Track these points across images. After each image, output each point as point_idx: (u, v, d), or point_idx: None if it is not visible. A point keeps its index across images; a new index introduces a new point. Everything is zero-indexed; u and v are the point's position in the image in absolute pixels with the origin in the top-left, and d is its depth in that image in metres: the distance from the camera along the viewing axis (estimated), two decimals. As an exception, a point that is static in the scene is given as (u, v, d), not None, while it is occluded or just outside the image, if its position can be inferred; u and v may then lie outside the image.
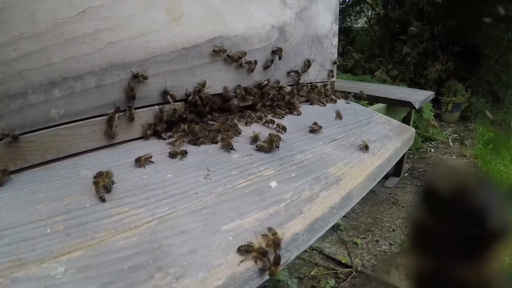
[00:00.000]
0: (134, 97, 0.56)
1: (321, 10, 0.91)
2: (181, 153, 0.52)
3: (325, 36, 0.95)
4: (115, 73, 0.55)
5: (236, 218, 0.42)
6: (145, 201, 0.43)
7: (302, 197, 0.48)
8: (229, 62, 0.70)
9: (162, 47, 0.59)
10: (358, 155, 0.66)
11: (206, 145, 0.58)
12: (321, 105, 0.93)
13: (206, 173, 0.50)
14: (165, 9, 0.59)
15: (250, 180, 0.49)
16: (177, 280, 0.33)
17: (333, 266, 1.00)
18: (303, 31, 0.86)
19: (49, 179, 0.47)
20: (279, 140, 0.59)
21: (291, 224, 0.42)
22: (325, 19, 0.94)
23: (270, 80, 0.80)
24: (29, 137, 0.48)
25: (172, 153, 0.52)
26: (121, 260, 0.35)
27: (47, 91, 0.49)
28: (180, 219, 0.41)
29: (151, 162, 0.50)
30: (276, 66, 0.82)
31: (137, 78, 0.55)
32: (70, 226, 0.39)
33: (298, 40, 0.86)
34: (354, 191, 0.55)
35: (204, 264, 0.35)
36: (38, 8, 0.48)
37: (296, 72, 0.86)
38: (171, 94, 0.60)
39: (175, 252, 0.36)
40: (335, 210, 0.49)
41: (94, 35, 0.52)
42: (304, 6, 0.85)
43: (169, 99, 0.60)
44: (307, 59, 0.89)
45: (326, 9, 0.93)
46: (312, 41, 0.90)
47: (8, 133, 0.45)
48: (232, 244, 0.38)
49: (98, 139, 0.54)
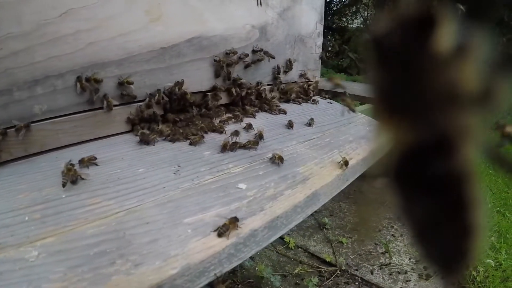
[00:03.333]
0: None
1: (305, 10, 0.92)
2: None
3: (309, 36, 0.96)
4: (95, 71, 0.58)
5: (198, 212, 0.45)
6: (116, 193, 0.47)
7: (266, 194, 0.50)
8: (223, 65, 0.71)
9: (140, 47, 0.61)
10: (331, 155, 0.67)
11: (180, 142, 0.61)
12: (297, 104, 0.94)
13: (176, 169, 0.53)
14: (144, 10, 0.61)
15: (217, 176, 0.53)
16: (135, 267, 0.37)
17: (317, 264, 1.01)
18: (286, 31, 0.87)
19: (32, 171, 0.51)
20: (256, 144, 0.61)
21: (250, 220, 0.45)
22: (309, 19, 0.95)
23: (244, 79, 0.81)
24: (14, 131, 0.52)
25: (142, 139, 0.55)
26: (89, 247, 0.39)
27: (30, 88, 0.53)
28: (146, 211, 0.44)
29: (95, 165, 0.51)
30: (257, 65, 0.84)
31: (122, 85, 0.58)
32: (46, 215, 0.43)
33: (280, 40, 0.87)
34: (322, 191, 0.56)
35: (162, 253, 0.39)
36: (23, 10, 0.51)
37: (277, 67, 0.88)
38: (109, 100, 0.59)
39: (137, 241, 0.40)
40: (299, 209, 0.51)
41: (75, 35, 0.55)
42: (287, 6, 0.86)
43: (105, 104, 0.58)
44: (288, 59, 0.91)
45: (311, 9, 0.94)
46: (295, 41, 0.91)
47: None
48: (190, 236, 0.41)
49: (79, 134, 0.58)
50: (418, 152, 0.17)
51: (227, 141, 0.59)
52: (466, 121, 0.16)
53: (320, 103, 0.99)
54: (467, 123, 0.16)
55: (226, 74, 0.72)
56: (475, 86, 0.16)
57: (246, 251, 0.43)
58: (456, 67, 0.16)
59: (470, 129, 0.16)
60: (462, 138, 0.16)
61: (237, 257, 0.42)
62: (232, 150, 0.59)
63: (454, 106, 0.16)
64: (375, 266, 0.98)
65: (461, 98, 0.16)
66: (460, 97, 0.16)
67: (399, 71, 0.16)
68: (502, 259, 1.05)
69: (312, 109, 0.93)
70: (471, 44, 0.16)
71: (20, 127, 0.51)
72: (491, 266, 0.99)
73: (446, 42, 0.15)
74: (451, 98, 0.16)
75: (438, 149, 0.16)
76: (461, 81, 0.16)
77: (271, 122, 0.78)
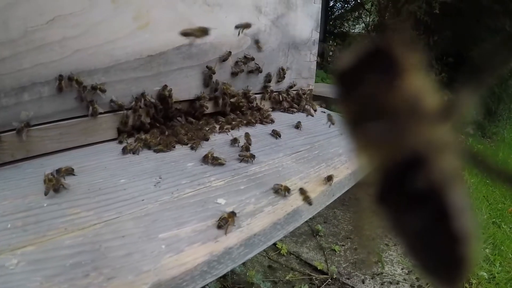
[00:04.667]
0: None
1: (301, 18, 0.90)
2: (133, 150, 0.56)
3: (303, 44, 0.94)
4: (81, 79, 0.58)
5: (174, 227, 0.46)
6: (96, 204, 0.48)
7: (245, 211, 0.50)
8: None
9: (127, 54, 0.61)
10: (318, 169, 0.66)
11: (164, 152, 0.62)
12: (290, 113, 0.93)
13: (157, 181, 0.54)
14: (132, 16, 0.61)
15: (197, 190, 0.53)
16: (108, 280, 0.39)
17: (308, 271, 1.00)
18: (279, 38, 0.86)
19: (17, 177, 0.52)
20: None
21: (225, 237, 0.45)
22: (305, 27, 0.93)
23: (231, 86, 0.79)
24: (1, 137, 0.53)
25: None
26: (65, 257, 0.40)
27: (17, 95, 0.53)
28: (123, 224, 0.46)
29: (73, 175, 0.52)
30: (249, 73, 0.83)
31: (95, 90, 0.58)
32: (28, 223, 0.45)
33: (273, 47, 0.86)
34: (304, 207, 0.55)
35: (135, 268, 0.40)
36: (10, 16, 0.51)
37: (268, 75, 0.87)
38: (95, 107, 0.59)
39: (112, 255, 0.41)
40: (279, 226, 0.51)
41: (62, 42, 0.55)
42: (281, 13, 0.84)
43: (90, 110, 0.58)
44: (281, 67, 0.90)
45: (306, 16, 0.91)
46: (289, 49, 0.90)
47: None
48: (164, 252, 0.42)
49: (65, 141, 0.59)
50: (396, 170, 0.18)
51: (208, 154, 0.59)
52: (434, 135, 0.17)
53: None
54: (435, 137, 0.17)
55: (215, 84, 0.72)
56: (436, 103, 0.18)
57: (221, 268, 0.44)
58: (414, 88, 0.17)
59: (439, 141, 0.18)
60: (432, 151, 0.17)
61: (211, 274, 0.43)
62: (214, 165, 0.59)
63: (419, 124, 0.17)
64: (367, 275, 0.98)
65: (424, 115, 0.17)
66: (423, 115, 0.17)
67: (362, 99, 0.18)
68: (496, 271, 1.04)
69: (303, 119, 0.92)
70: (427, 68, 0.18)
71: (21, 128, 0.52)
72: (485, 279, 0.98)
73: (404, 71, 0.17)
74: (415, 117, 0.17)
75: (413, 165, 0.17)
76: (421, 101, 0.17)
77: (258, 133, 0.78)
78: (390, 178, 0.18)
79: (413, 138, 0.17)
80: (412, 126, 0.17)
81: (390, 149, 0.18)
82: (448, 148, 0.18)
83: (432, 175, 0.17)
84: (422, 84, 0.18)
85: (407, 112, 0.17)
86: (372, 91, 0.17)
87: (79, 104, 0.59)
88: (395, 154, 0.18)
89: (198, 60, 0.71)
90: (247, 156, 0.62)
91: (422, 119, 0.17)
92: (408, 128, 0.17)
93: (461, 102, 0.18)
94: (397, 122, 0.17)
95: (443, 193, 0.17)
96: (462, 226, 0.17)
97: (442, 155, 0.17)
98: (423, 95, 0.17)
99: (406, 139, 0.17)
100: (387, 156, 0.18)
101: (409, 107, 0.17)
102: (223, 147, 0.69)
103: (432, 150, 0.17)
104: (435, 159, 0.17)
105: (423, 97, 0.17)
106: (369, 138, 0.19)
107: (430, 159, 0.17)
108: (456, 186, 0.17)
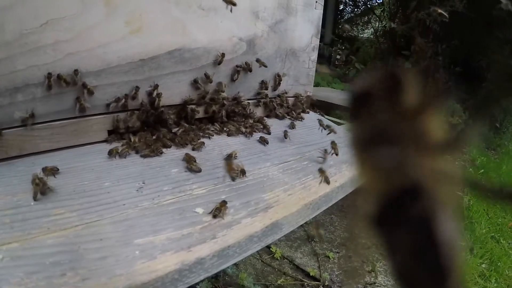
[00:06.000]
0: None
1: (300, 23, 0.87)
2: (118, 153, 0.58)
3: (302, 50, 0.92)
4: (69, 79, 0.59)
5: (150, 234, 0.48)
6: (79, 206, 0.50)
7: (221, 221, 0.50)
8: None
9: (119, 58, 0.62)
10: (304, 181, 0.65)
11: (151, 157, 0.64)
12: (284, 120, 0.92)
13: (140, 185, 0.56)
14: (125, 21, 0.61)
15: (178, 197, 0.55)
16: (83, 280, 0.41)
17: (301, 277, 0.99)
18: (277, 44, 0.84)
19: (9, 174, 0.55)
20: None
21: (199, 247, 0.46)
22: (304, 33, 0.90)
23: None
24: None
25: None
26: (46, 256, 0.43)
27: (11, 95, 0.56)
28: (103, 227, 0.48)
29: (58, 174, 0.54)
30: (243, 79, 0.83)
31: (85, 88, 0.60)
32: (15, 220, 0.47)
33: (269, 53, 0.84)
34: (285, 221, 0.55)
35: (109, 271, 0.42)
36: (6, 19, 0.52)
37: (262, 82, 0.86)
38: (82, 103, 0.60)
39: (89, 257, 0.44)
40: (256, 239, 0.51)
41: (54, 45, 0.56)
42: (280, 18, 0.82)
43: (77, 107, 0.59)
44: (277, 73, 0.88)
45: (306, 22, 0.89)
46: (286, 55, 0.88)
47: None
48: (137, 258, 0.44)
49: (56, 141, 0.61)
50: (394, 195, 0.19)
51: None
52: (436, 167, 0.18)
53: (308, 119, 0.96)
54: (437, 168, 0.18)
55: (205, 93, 0.72)
56: (441, 135, 0.18)
57: (193, 276, 0.45)
58: (422, 120, 0.18)
59: (441, 173, 0.18)
60: (432, 182, 0.18)
61: (182, 281, 0.45)
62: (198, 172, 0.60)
63: (423, 155, 0.18)
64: (359, 284, 0.97)
65: (429, 147, 0.18)
66: (429, 146, 0.18)
67: (372, 124, 0.19)
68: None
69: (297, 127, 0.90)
70: (436, 101, 0.19)
71: (26, 118, 0.55)
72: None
73: (413, 99, 0.18)
74: (420, 148, 0.18)
75: (411, 192, 0.18)
76: (427, 132, 0.18)
77: (247, 140, 0.78)
78: (387, 201, 0.19)
79: (416, 168, 0.18)
80: (417, 156, 0.18)
81: (391, 175, 0.18)
82: (448, 179, 0.18)
83: (427, 205, 0.17)
84: (432, 117, 0.18)
85: (413, 142, 0.18)
86: (382, 117, 0.18)
87: (71, 105, 0.61)
88: (395, 180, 0.18)
89: (190, 65, 0.71)
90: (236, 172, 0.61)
91: (427, 150, 0.18)
92: (412, 157, 0.18)
93: (467, 136, 0.18)
94: (402, 150, 0.18)
95: (434, 224, 0.17)
96: (448, 260, 0.17)
97: (442, 186, 0.18)
98: (431, 127, 0.18)
99: (408, 168, 0.18)
100: (387, 181, 0.19)
101: (416, 138, 0.18)
102: (210, 153, 0.69)
103: (432, 181, 0.18)
104: (434, 190, 0.18)
105: (431, 129, 0.18)
106: (373, 161, 0.19)
107: (428, 189, 0.18)
108: (449, 219, 0.18)
